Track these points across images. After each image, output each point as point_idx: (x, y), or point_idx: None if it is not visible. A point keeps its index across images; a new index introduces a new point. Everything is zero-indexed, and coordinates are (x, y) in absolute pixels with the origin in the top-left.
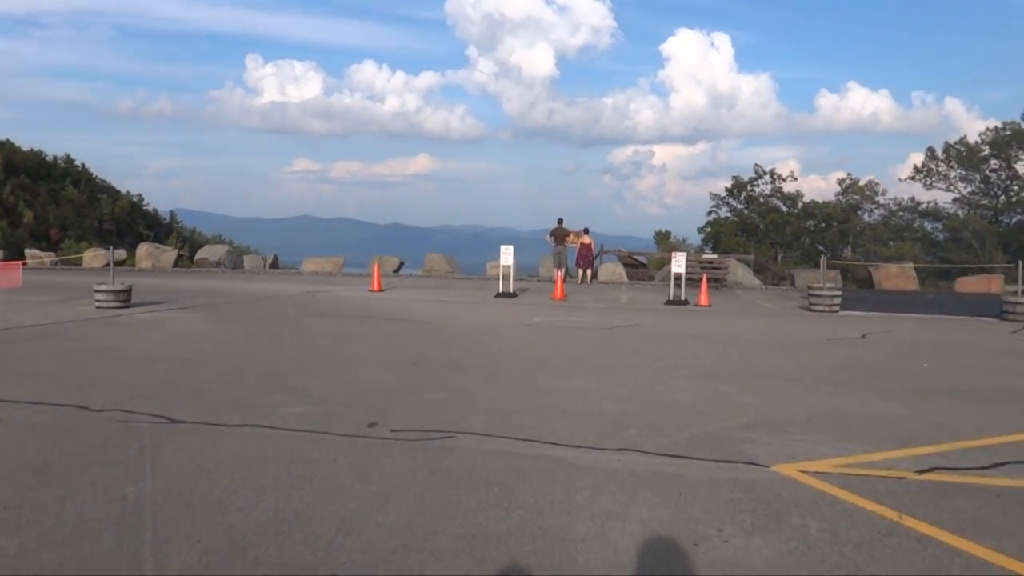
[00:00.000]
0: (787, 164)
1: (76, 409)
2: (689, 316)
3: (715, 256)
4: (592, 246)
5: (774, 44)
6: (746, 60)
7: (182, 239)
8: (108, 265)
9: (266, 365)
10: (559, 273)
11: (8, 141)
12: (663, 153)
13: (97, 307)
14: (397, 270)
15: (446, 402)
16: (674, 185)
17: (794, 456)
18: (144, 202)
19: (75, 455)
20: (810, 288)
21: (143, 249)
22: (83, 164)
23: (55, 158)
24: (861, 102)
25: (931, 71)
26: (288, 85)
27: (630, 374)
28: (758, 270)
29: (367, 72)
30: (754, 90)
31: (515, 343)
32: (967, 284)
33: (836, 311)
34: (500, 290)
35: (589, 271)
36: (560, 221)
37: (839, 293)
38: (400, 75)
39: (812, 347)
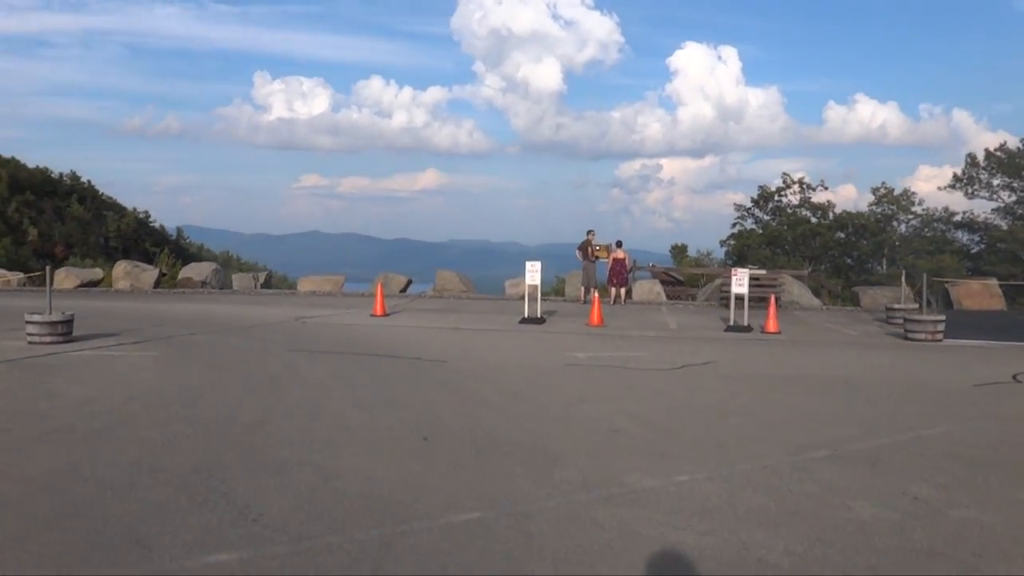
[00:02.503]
0: (796, 176)
1: None
2: (764, 348)
3: (763, 272)
4: (627, 261)
5: (781, 57)
6: (753, 73)
7: (187, 256)
8: (80, 287)
9: (209, 443)
10: (595, 294)
11: (13, 158)
12: (671, 167)
13: (29, 343)
14: (404, 289)
15: (482, 531)
16: (682, 199)
17: None
18: (151, 219)
19: None
20: (897, 311)
21: (120, 268)
22: (89, 181)
23: (61, 175)
24: (869, 114)
25: (938, 83)
26: (296, 102)
27: (752, 457)
28: (813, 288)
29: (374, 88)
30: (761, 103)
31: (563, 396)
32: None
33: (940, 340)
34: (526, 314)
35: (623, 290)
36: (589, 233)
37: (943, 319)
38: (407, 91)
39: (966, 399)
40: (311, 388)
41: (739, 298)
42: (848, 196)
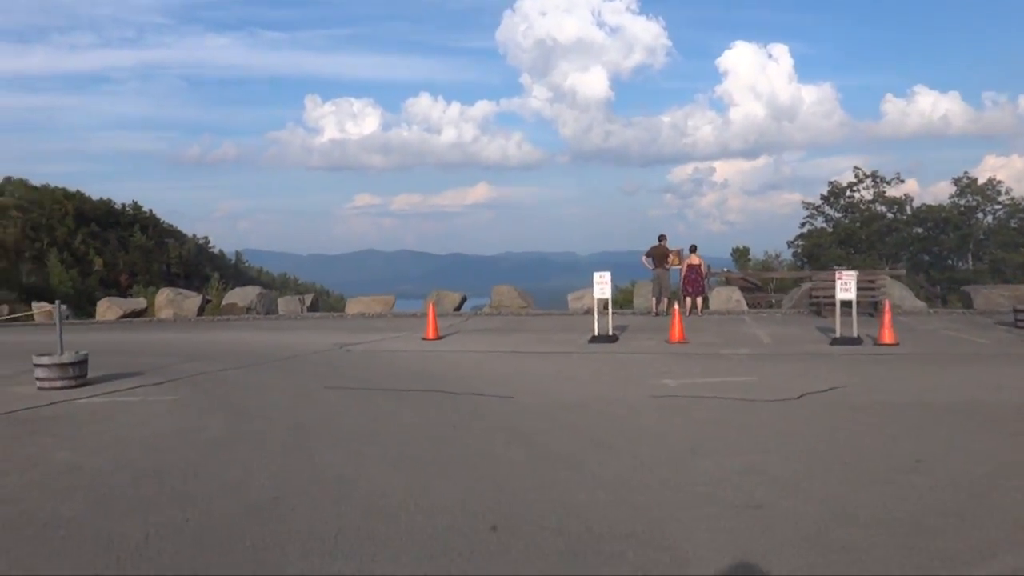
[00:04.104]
0: (846, 176)
1: None
2: (891, 366)
3: (855, 272)
4: (702, 267)
5: (834, 52)
6: (806, 70)
7: (247, 280)
8: (123, 317)
9: (196, 543)
10: (675, 306)
11: (79, 192)
12: (724, 169)
13: (39, 388)
14: (459, 307)
15: None
16: (736, 201)
17: None
18: (210, 244)
19: None
20: None
21: (162, 296)
22: (151, 210)
23: (123, 206)
24: (930, 105)
25: (1001, 70)
26: (347, 122)
27: (983, 552)
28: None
29: (423, 105)
30: (816, 100)
31: (666, 446)
32: None
33: None
34: (596, 332)
35: (700, 299)
36: (661, 238)
37: None
38: (455, 106)
39: None
40: (345, 444)
41: (844, 305)
42: (911, 190)
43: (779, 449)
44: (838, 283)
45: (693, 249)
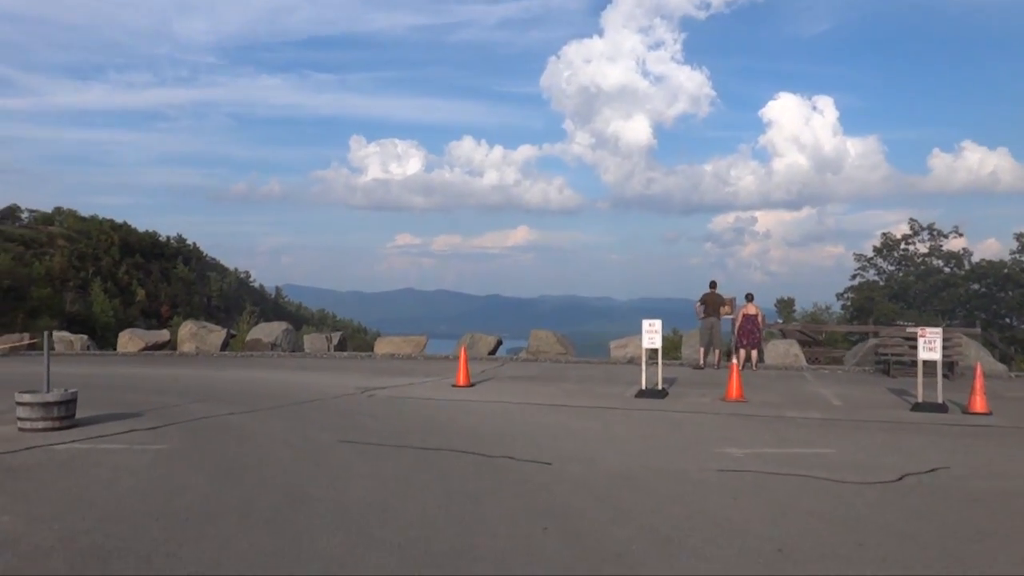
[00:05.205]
0: (899, 228)
1: None
2: (993, 440)
3: (939, 330)
4: (759, 318)
5: (880, 105)
6: (851, 123)
7: (285, 315)
8: (145, 350)
9: None
10: (732, 361)
11: (125, 223)
12: (766, 219)
13: (20, 429)
14: (494, 351)
15: None
16: (778, 251)
17: None
18: (252, 279)
19: None
20: None
21: (185, 329)
22: (194, 243)
23: (168, 238)
24: (977, 161)
25: None
26: (390, 163)
27: None
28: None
29: (466, 148)
30: (861, 152)
31: (746, 547)
32: None
33: None
34: (643, 386)
35: (755, 353)
36: (713, 285)
37: None
38: (498, 149)
39: None
40: (348, 521)
41: (927, 365)
42: (959, 246)
43: (896, 557)
44: (921, 341)
45: (750, 298)
